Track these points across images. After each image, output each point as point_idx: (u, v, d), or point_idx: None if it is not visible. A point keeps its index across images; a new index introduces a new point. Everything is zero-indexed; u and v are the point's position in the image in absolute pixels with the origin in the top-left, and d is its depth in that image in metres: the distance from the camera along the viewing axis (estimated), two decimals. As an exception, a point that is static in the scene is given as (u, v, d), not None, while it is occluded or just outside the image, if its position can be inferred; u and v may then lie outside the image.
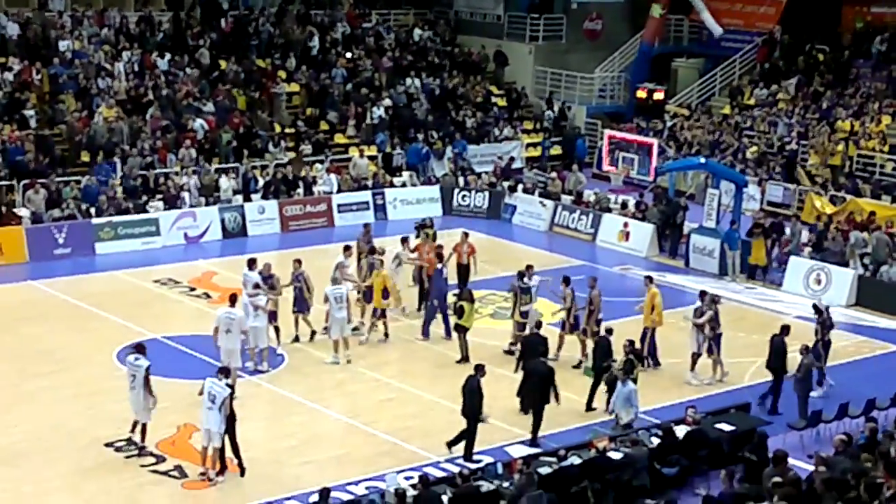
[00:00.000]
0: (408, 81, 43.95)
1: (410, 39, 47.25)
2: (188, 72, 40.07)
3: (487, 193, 38.31)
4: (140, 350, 20.46)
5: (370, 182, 37.81)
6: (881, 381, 23.73)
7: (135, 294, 29.21)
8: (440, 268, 26.53)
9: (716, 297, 24.74)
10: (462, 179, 39.37)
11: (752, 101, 44.16)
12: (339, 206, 36.58)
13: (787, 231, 32.92)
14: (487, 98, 45.49)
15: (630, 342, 22.17)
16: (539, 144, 44.12)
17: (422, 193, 38.29)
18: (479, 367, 20.73)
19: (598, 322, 24.61)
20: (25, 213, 32.05)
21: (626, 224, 35.00)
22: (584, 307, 24.87)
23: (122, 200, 33.59)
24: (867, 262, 31.00)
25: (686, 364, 24.41)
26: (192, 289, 29.58)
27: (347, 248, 26.93)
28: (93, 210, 32.96)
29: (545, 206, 37.09)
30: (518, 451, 20.20)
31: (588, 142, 44.83)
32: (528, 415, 21.52)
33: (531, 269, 25.79)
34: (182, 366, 22.55)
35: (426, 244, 28.25)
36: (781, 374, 22.96)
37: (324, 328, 25.61)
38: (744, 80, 46.09)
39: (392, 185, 38.17)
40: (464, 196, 38.37)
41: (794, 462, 18.47)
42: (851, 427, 20.92)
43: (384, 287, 25.46)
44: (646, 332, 24.64)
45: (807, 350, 22.49)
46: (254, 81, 41.01)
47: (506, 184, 38.81)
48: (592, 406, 22.62)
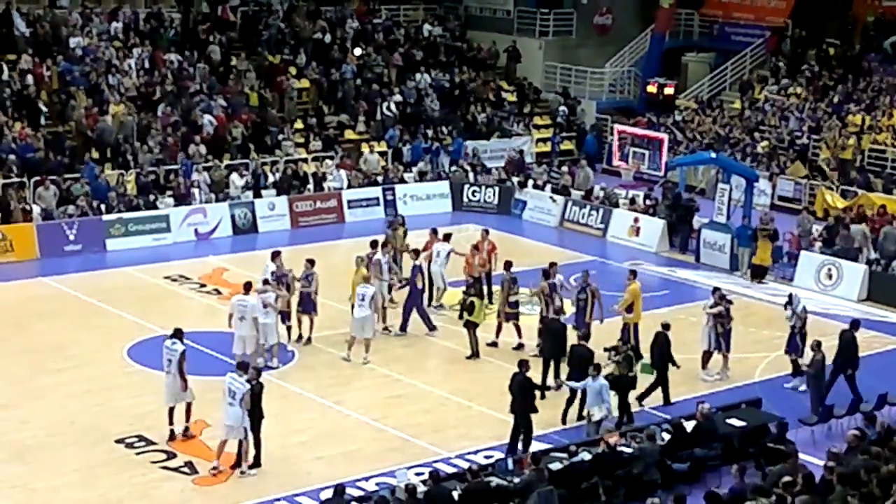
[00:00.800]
0: (417, 77, 43.92)
1: (420, 35, 47.22)
2: (198, 68, 40.08)
3: (497, 189, 38.26)
4: (177, 335, 20.62)
5: (380, 178, 37.80)
6: (893, 376, 23.62)
7: (145, 290, 29.25)
8: (418, 264, 26.33)
9: (724, 295, 24.61)
10: (472, 175, 39.24)
11: (763, 96, 44.05)
12: (350, 202, 36.58)
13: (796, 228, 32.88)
14: (498, 94, 45.42)
15: (626, 340, 22.34)
16: (549, 140, 44.05)
17: (432, 189, 38.24)
18: (523, 363, 20.50)
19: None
20: (36, 210, 32.09)
21: (637, 219, 34.93)
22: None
23: (133, 197, 33.64)
24: (874, 257, 30.87)
25: (696, 359, 24.32)
26: (203, 285, 29.61)
27: (376, 245, 26.81)
28: (103, 206, 32.99)
29: (555, 202, 37.04)
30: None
31: (598, 137, 44.76)
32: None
33: (555, 267, 25.72)
34: (193, 362, 22.42)
35: (435, 240, 28.16)
36: (851, 371, 22.81)
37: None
38: (754, 75, 45.99)
39: (403, 181, 38.14)
40: (474, 192, 38.32)
41: (806, 458, 18.47)
42: (862, 422, 20.80)
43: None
44: (626, 329, 24.41)
45: (818, 346, 22.41)
46: (264, 77, 41.01)
47: (516, 179, 38.75)
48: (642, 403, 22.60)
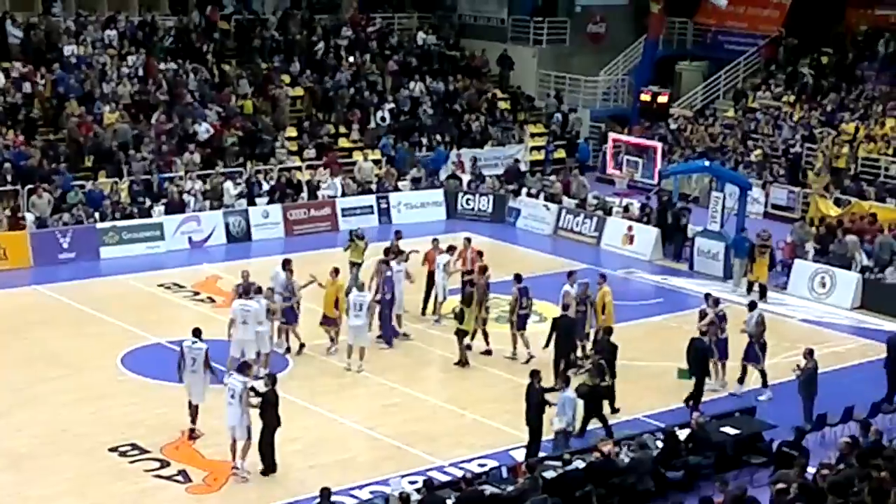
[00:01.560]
0: (412, 85, 43.96)
1: (414, 43, 47.27)
2: (193, 76, 40.10)
3: (492, 197, 38.28)
4: (197, 334, 21.02)
5: (374, 186, 37.83)
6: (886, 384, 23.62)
7: (139, 298, 29.22)
8: (389, 275, 26.05)
9: (718, 300, 24.65)
10: (468, 184, 39.24)
11: (756, 105, 44.13)
12: (344, 210, 36.57)
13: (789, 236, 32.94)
14: (492, 102, 45.47)
15: (598, 349, 22.44)
16: (543, 148, 44.09)
17: (426, 197, 38.24)
18: (535, 373, 20.56)
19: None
20: (30, 218, 32.06)
21: (631, 227, 34.98)
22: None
23: (127, 205, 33.62)
24: (867, 264, 30.93)
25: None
26: (197, 293, 29.58)
27: (388, 252, 26.98)
28: (97, 214, 32.97)
29: (549, 210, 37.07)
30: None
31: (592, 145, 44.85)
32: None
33: (574, 276, 25.75)
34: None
35: (437, 251, 28.09)
36: None
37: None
38: (748, 84, 46.08)
39: (397, 189, 38.16)
40: (468, 200, 38.34)
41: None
42: (856, 430, 20.84)
43: (336, 298, 25.22)
44: (598, 332, 24.40)
45: (810, 354, 22.44)
46: (258, 86, 41.03)
47: (510, 187, 38.78)
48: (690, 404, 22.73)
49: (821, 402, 22.14)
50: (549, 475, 18.30)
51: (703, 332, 23.76)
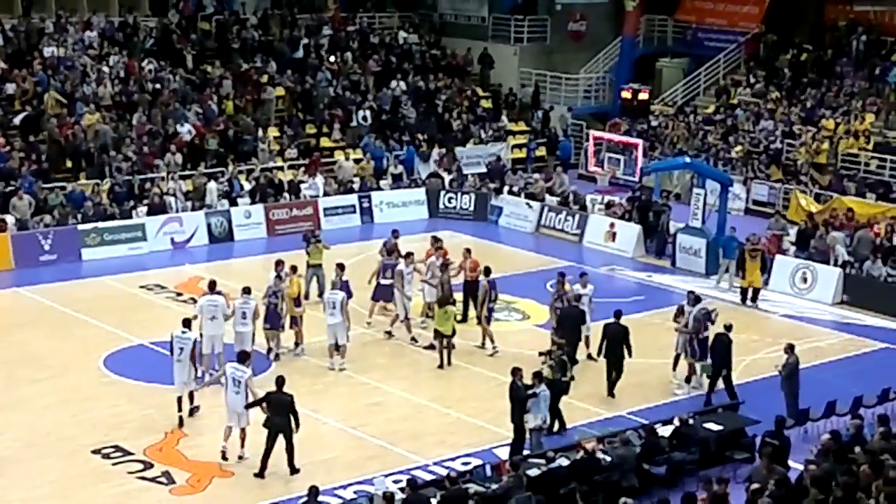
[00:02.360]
0: (393, 84, 43.95)
1: (395, 42, 47.26)
2: (174, 77, 40.02)
3: (474, 195, 38.30)
4: (187, 325, 21.73)
5: (356, 185, 37.81)
6: (868, 379, 23.76)
7: (121, 300, 29.16)
8: (345, 279, 25.79)
9: (699, 298, 24.70)
10: (450, 182, 39.26)
11: (737, 101, 44.25)
12: (326, 210, 36.55)
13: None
14: (473, 100, 45.49)
15: (558, 344, 22.57)
16: (525, 146, 44.15)
17: (408, 196, 38.24)
18: (516, 371, 20.56)
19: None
20: (10, 220, 31.95)
21: (613, 225, 35.05)
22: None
23: (108, 206, 33.53)
24: (849, 260, 31.05)
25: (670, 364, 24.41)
26: (179, 294, 29.51)
27: (391, 253, 27.23)
28: (79, 216, 32.88)
29: (531, 208, 37.12)
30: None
31: (574, 143, 44.91)
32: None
33: (586, 277, 25.87)
34: (167, 371, 22.46)
35: (433, 252, 28.00)
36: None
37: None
38: (728, 80, 46.19)
39: (379, 188, 38.15)
40: (450, 198, 38.35)
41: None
42: (839, 425, 20.94)
43: (297, 295, 25.19)
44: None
45: (791, 349, 22.53)
46: (240, 86, 40.97)
47: (492, 185, 38.81)
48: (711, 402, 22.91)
49: (803, 398, 22.20)
50: (533, 473, 18.34)
51: (679, 331, 23.90)
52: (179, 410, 21.62)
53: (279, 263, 25.49)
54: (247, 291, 24.01)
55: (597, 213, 35.98)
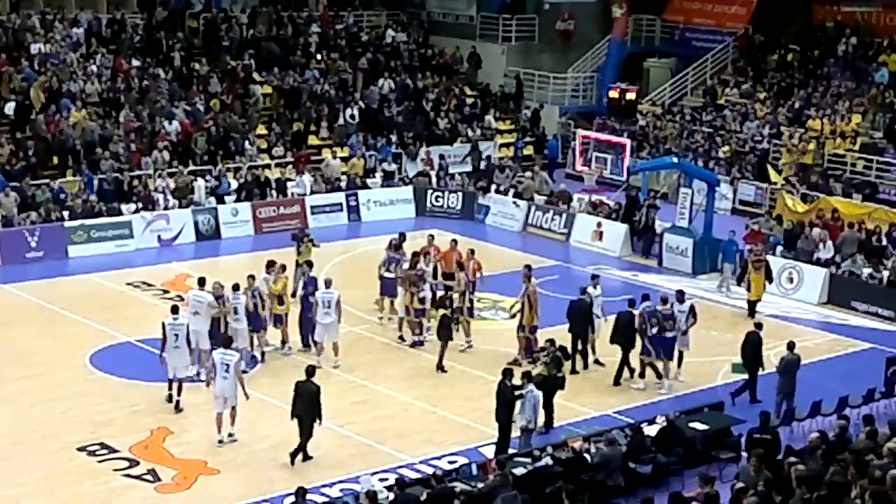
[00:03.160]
0: (380, 83, 43.93)
1: (383, 41, 47.24)
2: (161, 74, 39.96)
3: (461, 194, 38.31)
4: (175, 311, 22.33)
5: (343, 183, 37.79)
6: (853, 379, 23.84)
7: (108, 297, 29.11)
8: (313, 275, 25.80)
9: (683, 293, 24.80)
10: (437, 181, 39.25)
11: (724, 101, 44.34)
12: (313, 208, 36.51)
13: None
14: (461, 98, 45.49)
15: (551, 340, 22.52)
16: (513, 145, 44.17)
17: (395, 195, 38.23)
18: (507, 371, 20.59)
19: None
20: (-3, 217, 31.92)
21: (600, 224, 35.10)
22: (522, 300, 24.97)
23: (95, 203, 33.46)
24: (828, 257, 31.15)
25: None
26: (166, 291, 29.48)
27: (400, 248, 27.42)
28: (65, 213, 32.81)
29: (518, 207, 37.15)
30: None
31: (561, 141, 44.95)
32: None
33: (597, 279, 25.93)
34: (156, 369, 22.47)
35: (433, 247, 28.07)
36: None
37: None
38: (715, 80, 46.29)
39: (366, 186, 38.13)
40: (437, 197, 38.35)
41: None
42: (824, 425, 21.01)
43: (280, 293, 25.11)
44: (533, 331, 24.75)
45: (792, 347, 22.60)
46: (227, 83, 40.92)
47: (479, 184, 38.82)
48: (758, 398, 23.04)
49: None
50: (519, 471, 18.36)
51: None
52: (170, 389, 22.09)
53: (271, 264, 25.41)
54: (236, 289, 23.99)
55: (583, 212, 36.00)
